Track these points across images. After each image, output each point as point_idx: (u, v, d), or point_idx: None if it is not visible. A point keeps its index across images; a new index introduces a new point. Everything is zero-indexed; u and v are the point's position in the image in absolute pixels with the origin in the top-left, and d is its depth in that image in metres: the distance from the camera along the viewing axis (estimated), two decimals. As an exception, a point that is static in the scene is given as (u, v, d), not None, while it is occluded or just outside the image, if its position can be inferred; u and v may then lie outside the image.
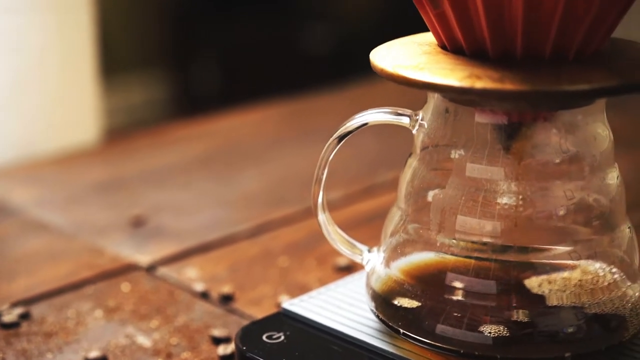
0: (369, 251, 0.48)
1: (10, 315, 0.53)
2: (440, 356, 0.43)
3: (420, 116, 0.45)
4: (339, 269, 0.59)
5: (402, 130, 0.46)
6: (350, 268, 0.58)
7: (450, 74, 0.39)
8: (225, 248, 0.63)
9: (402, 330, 0.44)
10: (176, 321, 0.53)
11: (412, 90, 0.41)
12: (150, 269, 0.60)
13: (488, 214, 0.42)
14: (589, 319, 0.43)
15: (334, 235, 0.48)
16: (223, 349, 0.49)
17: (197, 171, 0.79)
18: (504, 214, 0.42)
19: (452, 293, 0.43)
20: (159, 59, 2.20)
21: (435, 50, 0.42)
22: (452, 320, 0.43)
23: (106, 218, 0.68)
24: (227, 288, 0.56)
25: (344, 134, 0.46)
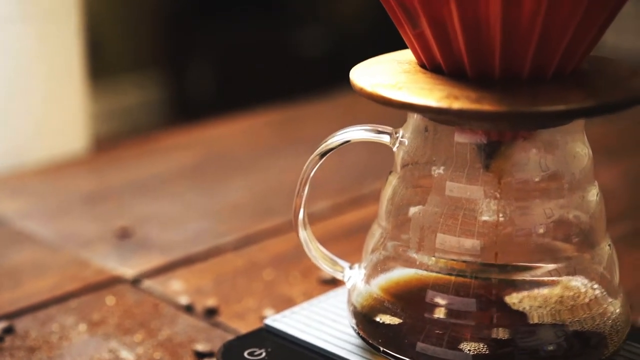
0: (350, 268, 0.48)
1: (-6, 330, 0.53)
2: (420, 374, 0.43)
3: (400, 134, 0.45)
4: (323, 281, 0.59)
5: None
6: (335, 281, 0.58)
7: (429, 94, 0.39)
8: (210, 260, 0.63)
9: (382, 348, 0.44)
10: (160, 335, 0.53)
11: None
12: (135, 281, 0.60)
13: (468, 232, 0.42)
14: (569, 336, 0.43)
15: (315, 252, 0.48)
16: (205, 365, 0.49)
17: (185, 181, 0.79)
18: (484, 232, 0.42)
19: (432, 311, 0.43)
20: (153, 61, 2.20)
21: (415, 69, 0.42)
22: (433, 338, 0.43)
23: (92, 229, 0.68)
24: (212, 301, 0.56)
25: (326, 151, 0.46)
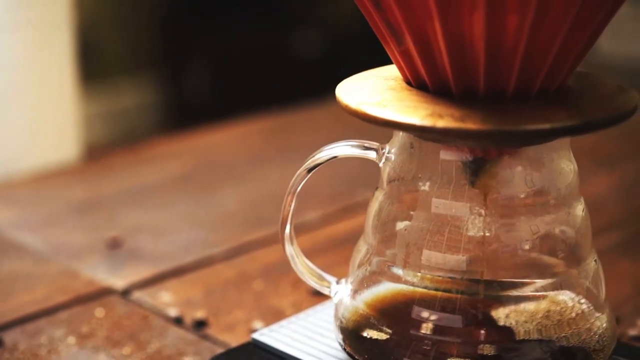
0: (337, 283, 0.48)
1: (-18, 344, 0.53)
2: (407, 390, 0.43)
3: (386, 149, 0.45)
4: (313, 292, 0.59)
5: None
6: (324, 293, 0.58)
7: (413, 112, 0.39)
8: (200, 271, 0.63)
9: (369, 364, 0.44)
10: (149, 347, 0.53)
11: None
12: (125, 293, 0.60)
13: (454, 249, 0.42)
14: (556, 352, 0.43)
15: (302, 267, 0.48)
16: (193, 379, 0.49)
17: (176, 191, 0.79)
18: (470, 248, 0.42)
19: (419, 327, 0.43)
20: (150, 63, 2.20)
21: (401, 86, 0.42)
22: (419, 354, 0.43)
23: (83, 239, 0.68)
24: (201, 313, 0.56)
25: (312, 166, 0.46)
